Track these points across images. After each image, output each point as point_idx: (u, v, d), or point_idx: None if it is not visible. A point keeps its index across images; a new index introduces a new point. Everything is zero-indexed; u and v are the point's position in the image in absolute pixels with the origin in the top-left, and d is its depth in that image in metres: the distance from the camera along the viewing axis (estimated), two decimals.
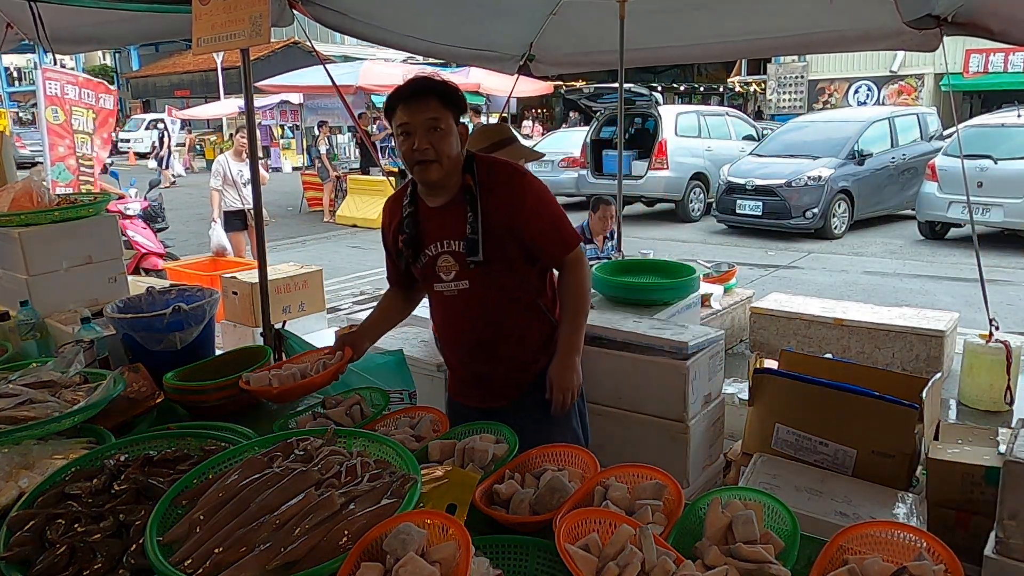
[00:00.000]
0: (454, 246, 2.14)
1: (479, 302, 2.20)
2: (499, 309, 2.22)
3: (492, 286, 2.18)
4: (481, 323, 2.23)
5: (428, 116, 2.01)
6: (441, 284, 2.21)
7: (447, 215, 2.15)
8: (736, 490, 1.53)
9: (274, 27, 2.76)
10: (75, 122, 6.40)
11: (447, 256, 2.16)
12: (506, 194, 2.11)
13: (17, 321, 2.59)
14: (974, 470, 2.49)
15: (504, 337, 2.25)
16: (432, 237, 2.18)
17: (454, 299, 2.21)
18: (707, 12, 4.27)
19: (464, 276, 2.16)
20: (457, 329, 2.29)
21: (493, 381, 2.33)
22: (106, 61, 35.14)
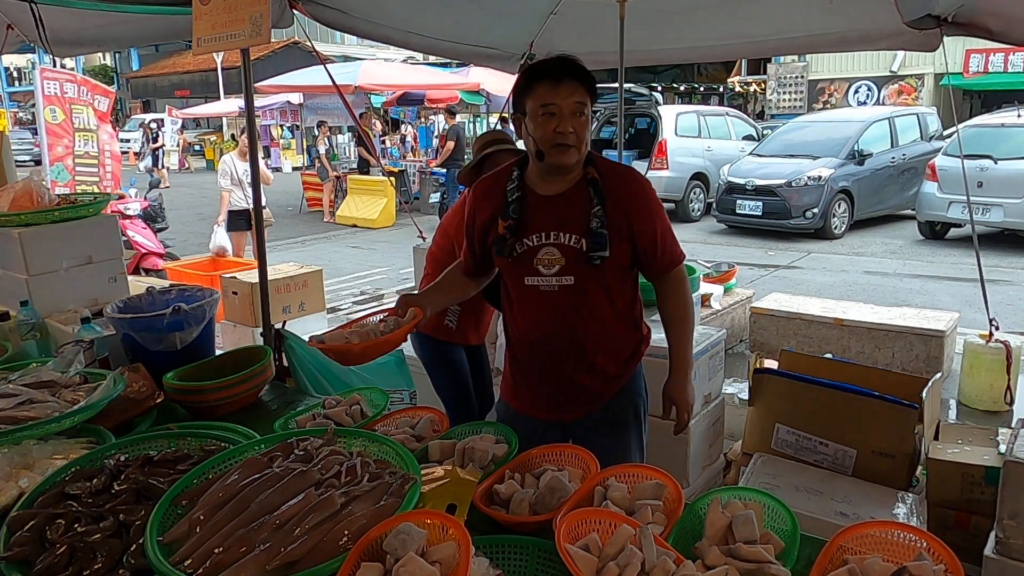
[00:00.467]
0: (564, 239, 2.00)
1: (581, 301, 2.05)
2: (599, 312, 2.07)
3: (598, 286, 2.04)
4: (578, 324, 2.07)
5: (575, 100, 1.93)
6: (537, 278, 2.04)
7: (562, 205, 2.02)
8: (736, 490, 1.53)
9: (274, 28, 2.75)
10: (76, 120, 6.41)
11: (551, 248, 2.01)
12: (628, 195, 2.03)
13: (17, 321, 2.59)
14: (974, 470, 2.49)
15: (598, 343, 2.11)
16: (538, 227, 2.03)
17: (552, 295, 2.04)
18: (707, 12, 4.27)
19: (570, 271, 2.01)
20: (549, 328, 2.09)
21: (574, 391, 2.15)
22: (106, 61, 35.15)
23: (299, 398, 2.41)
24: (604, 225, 1.97)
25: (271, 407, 2.32)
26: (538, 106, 1.95)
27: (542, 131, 1.95)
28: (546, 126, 1.94)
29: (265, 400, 2.36)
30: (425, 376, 3.76)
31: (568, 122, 1.93)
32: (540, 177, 2.06)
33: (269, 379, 2.35)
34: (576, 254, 2.00)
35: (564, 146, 1.94)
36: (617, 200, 2.01)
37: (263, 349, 2.43)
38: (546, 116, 1.94)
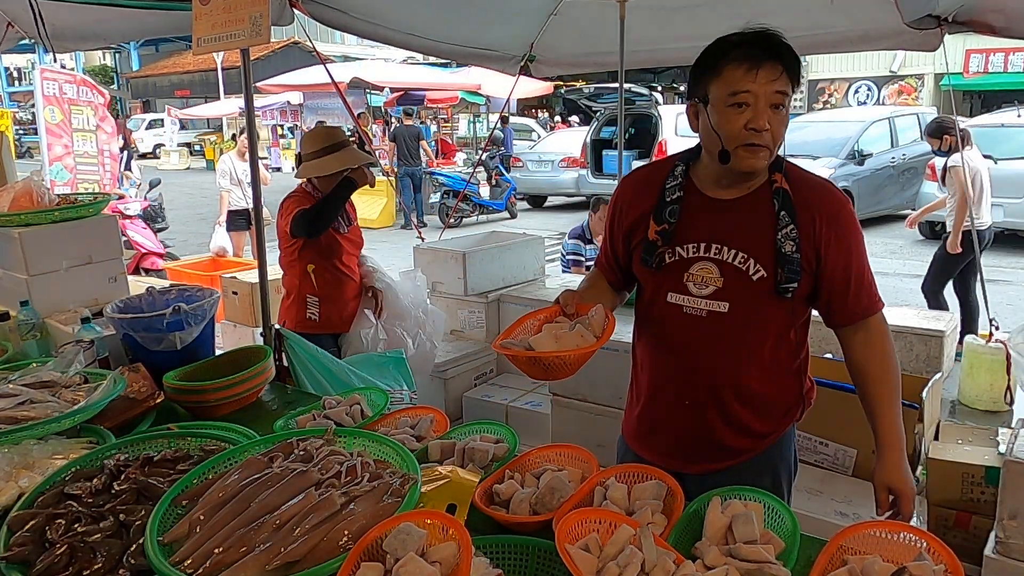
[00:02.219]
0: (726, 255, 1.65)
1: (733, 335, 1.68)
2: (753, 352, 1.71)
3: (759, 321, 1.68)
4: (723, 363, 1.71)
5: (776, 89, 1.56)
6: (684, 296, 1.69)
7: (735, 214, 1.67)
8: (736, 490, 1.53)
9: (274, 26, 2.75)
10: (75, 120, 6.41)
11: (709, 264, 1.66)
12: (822, 215, 1.64)
13: (17, 321, 2.59)
14: (974, 470, 2.49)
15: (743, 390, 1.73)
16: (698, 235, 1.68)
17: (698, 321, 1.69)
18: (708, 11, 4.27)
19: (726, 297, 1.65)
20: (686, 361, 1.75)
21: (703, 442, 1.78)
22: (106, 61, 35.15)
23: (299, 398, 2.41)
24: (797, 248, 1.60)
25: (271, 407, 2.31)
26: (726, 95, 1.57)
27: (730, 127, 1.57)
28: (736, 121, 1.56)
29: (265, 400, 2.35)
30: (425, 376, 3.77)
31: (764, 117, 1.55)
32: (712, 176, 1.70)
33: (269, 379, 2.34)
34: (738, 276, 1.65)
35: (755, 147, 1.57)
36: (807, 220, 1.63)
37: (263, 349, 2.43)
38: (735, 107, 1.56)
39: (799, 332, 1.77)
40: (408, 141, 13.01)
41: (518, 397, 3.71)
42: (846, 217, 1.67)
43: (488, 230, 5.12)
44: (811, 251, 1.64)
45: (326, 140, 3.26)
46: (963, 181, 5.05)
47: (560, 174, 13.85)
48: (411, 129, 13.36)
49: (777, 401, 1.80)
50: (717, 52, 1.62)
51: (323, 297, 3.26)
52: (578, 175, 13.58)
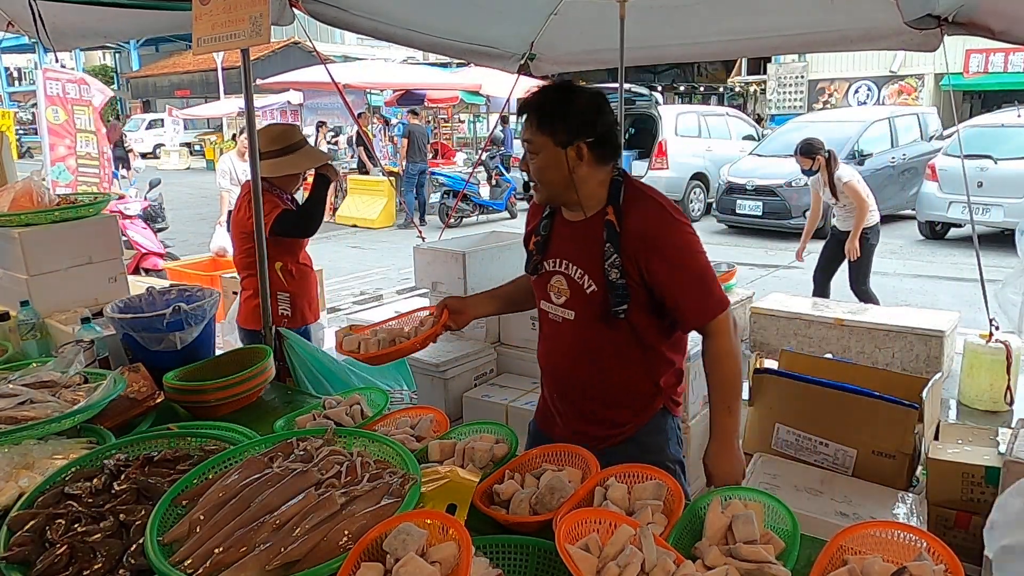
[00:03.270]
0: (572, 271, 1.91)
1: (581, 342, 1.94)
2: (599, 357, 1.94)
3: (601, 328, 1.89)
4: (578, 366, 1.97)
5: (524, 138, 1.89)
6: (549, 305, 1.98)
7: (577, 236, 1.92)
8: (736, 490, 1.53)
9: (274, 26, 2.75)
10: (78, 121, 6.41)
11: (561, 277, 1.93)
12: (644, 235, 1.83)
13: (17, 321, 2.59)
14: (974, 470, 2.49)
15: (600, 391, 1.97)
16: (555, 251, 1.97)
17: (557, 326, 1.98)
18: (708, 10, 4.27)
19: (572, 306, 1.92)
20: (551, 361, 2.05)
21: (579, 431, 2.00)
22: (106, 61, 35.14)
23: (299, 398, 2.41)
24: (623, 274, 1.81)
25: (271, 407, 2.31)
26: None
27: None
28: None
29: (265, 400, 2.35)
30: (425, 376, 3.77)
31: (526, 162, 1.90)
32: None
33: (269, 379, 2.34)
34: (579, 291, 1.90)
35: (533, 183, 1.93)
36: (632, 247, 1.82)
37: (263, 349, 2.43)
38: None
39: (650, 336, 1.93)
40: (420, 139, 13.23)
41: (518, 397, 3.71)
42: (668, 239, 1.85)
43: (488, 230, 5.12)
44: (637, 273, 1.83)
45: (285, 140, 3.24)
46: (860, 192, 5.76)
47: None
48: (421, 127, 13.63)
49: (626, 397, 1.99)
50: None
51: (293, 292, 3.29)
52: None
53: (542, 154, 1.85)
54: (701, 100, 25.71)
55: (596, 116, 1.85)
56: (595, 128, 1.84)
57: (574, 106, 1.84)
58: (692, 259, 1.87)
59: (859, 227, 5.77)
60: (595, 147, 1.85)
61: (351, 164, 15.16)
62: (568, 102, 1.84)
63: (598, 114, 1.86)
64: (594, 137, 1.84)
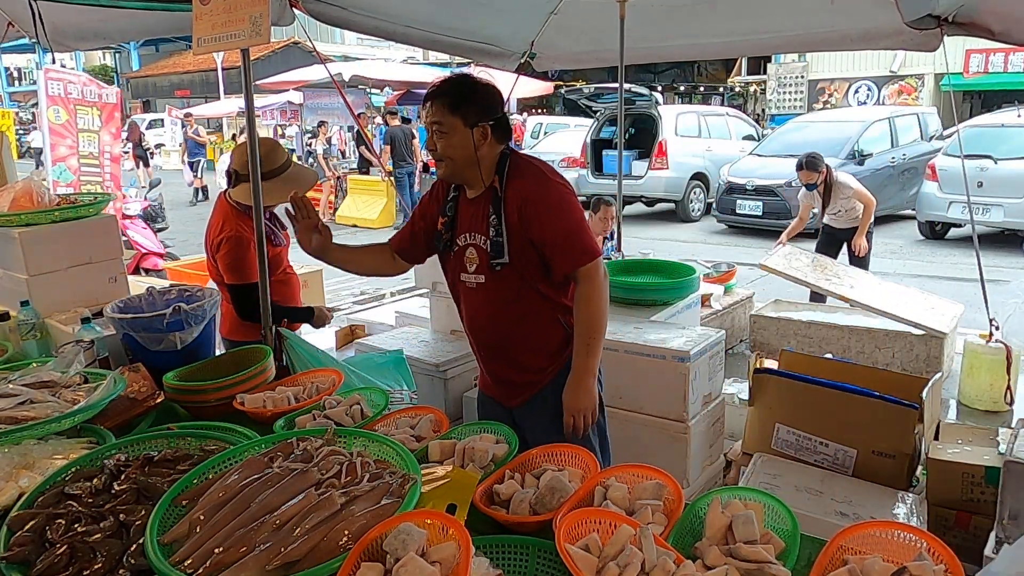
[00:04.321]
0: (477, 240, 2.20)
1: (494, 300, 2.23)
2: (512, 311, 2.23)
3: (507, 287, 2.19)
4: (495, 322, 2.26)
5: (431, 120, 2.13)
6: (465, 275, 2.26)
7: (476, 209, 2.21)
8: (736, 490, 1.53)
9: (274, 26, 2.75)
10: (80, 121, 6.41)
11: (472, 248, 2.22)
12: (523, 196, 2.14)
13: (17, 321, 2.59)
14: (974, 470, 2.49)
15: (516, 340, 2.27)
16: (463, 227, 2.24)
17: (474, 292, 2.25)
18: (708, 9, 4.27)
19: (482, 272, 2.21)
20: (475, 324, 2.33)
21: (507, 380, 2.35)
22: (106, 61, 35.13)
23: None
24: (500, 233, 2.13)
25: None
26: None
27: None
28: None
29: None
30: (425, 376, 3.77)
31: (431, 140, 2.16)
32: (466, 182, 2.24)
33: (269, 379, 2.34)
34: (484, 256, 2.18)
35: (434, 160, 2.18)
36: (514, 203, 2.13)
37: (263, 349, 2.43)
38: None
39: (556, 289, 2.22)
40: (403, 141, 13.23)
41: None
42: (543, 197, 2.14)
43: None
44: (519, 226, 2.12)
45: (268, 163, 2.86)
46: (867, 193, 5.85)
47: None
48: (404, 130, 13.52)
49: (546, 341, 2.27)
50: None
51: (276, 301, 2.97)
52: (578, 175, 13.57)
53: (452, 134, 2.11)
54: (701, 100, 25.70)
55: (496, 102, 2.16)
56: (496, 112, 2.15)
57: (478, 93, 2.13)
58: (565, 213, 2.15)
59: (866, 224, 5.84)
60: (496, 129, 2.14)
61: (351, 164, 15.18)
62: (473, 90, 2.13)
63: (497, 101, 2.17)
64: (495, 120, 2.13)
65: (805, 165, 5.90)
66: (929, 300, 5.35)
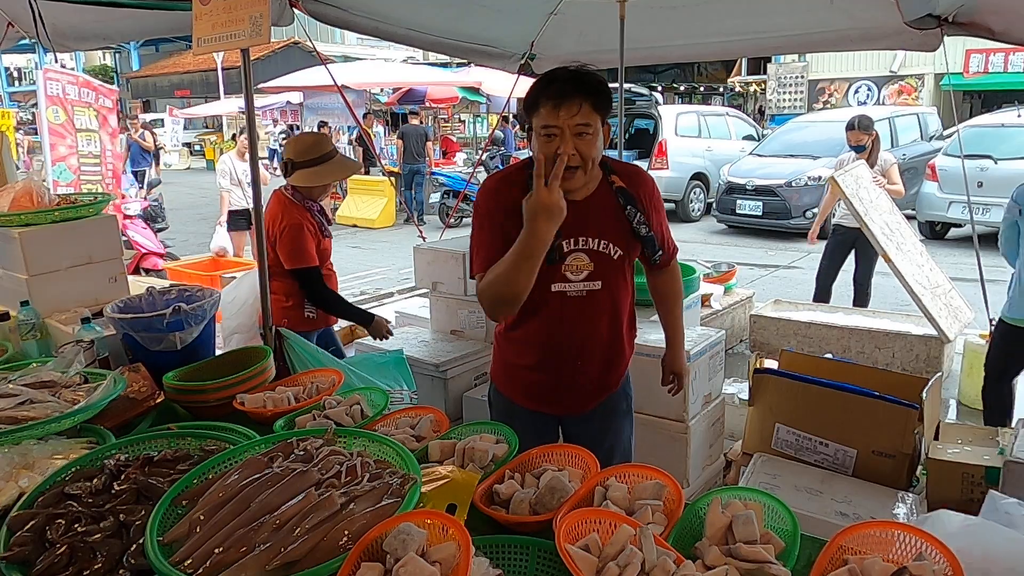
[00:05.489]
0: (592, 244, 2.02)
1: (607, 304, 2.11)
2: (619, 313, 2.15)
3: (623, 286, 2.13)
4: (605, 326, 2.13)
5: (578, 121, 1.87)
6: (565, 284, 2.04)
7: (587, 210, 2.00)
8: (736, 490, 1.53)
9: (274, 27, 2.75)
10: (78, 121, 6.41)
11: (580, 255, 2.03)
12: (645, 195, 2.10)
13: (17, 321, 2.59)
14: (974, 470, 2.49)
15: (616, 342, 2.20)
16: (564, 233, 1.95)
17: (579, 300, 2.06)
18: (708, 10, 4.27)
19: (599, 276, 2.05)
20: (578, 332, 2.11)
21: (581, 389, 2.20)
22: (106, 61, 35.12)
23: None
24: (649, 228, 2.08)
25: None
26: (540, 127, 1.89)
27: (544, 152, 1.86)
28: (548, 147, 1.87)
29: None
30: (425, 376, 3.77)
31: (569, 143, 1.86)
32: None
33: (269, 379, 2.34)
34: (605, 260, 2.06)
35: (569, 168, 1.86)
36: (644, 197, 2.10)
37: (263, 349, 2.43)
38: (548, 138, 1.88)
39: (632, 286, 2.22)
40: (416, 140, 13.44)
41: None
42: (656, 190, 2.16)
43: None
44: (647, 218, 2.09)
45: (318, 150, 3.28)
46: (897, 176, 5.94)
47: None
48: (418, 129, 13.81)
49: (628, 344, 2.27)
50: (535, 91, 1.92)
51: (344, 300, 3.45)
52: None
53: (595, 136, 1.91)
54: (701, 100, 25.69)
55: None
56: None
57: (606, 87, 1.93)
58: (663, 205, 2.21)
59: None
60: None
61: None
62: (605, 84, 1.92)
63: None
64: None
65: (857, 125, 5.69)
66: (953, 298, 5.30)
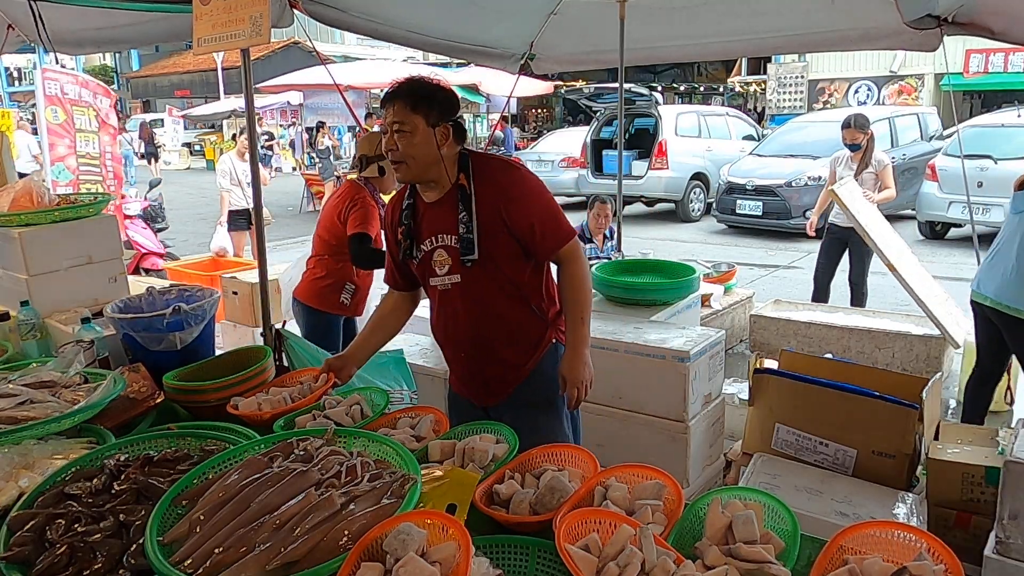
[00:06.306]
0: (447, 240, 2.19)
1: (471, 298, 2.22)
2: (491, 306, 2.23)
3: (484, 282, 2.20)
4: (473, 319, 2.25)
5: (391, 120, 2.11)
6: (436, 279, 2.24)
7: (441, 211, 2.20)
8: (736, 490, 1.53)
9: (274, 27, 2.76)
10: (77, 121, 6.40)
11: (441, 250, 2.21)
12: (497, 188, 2.15)
13: (17, 321, 2.59)
14: (974, 470, 2.49)
15: (496, 335, 2.26)
16: (427, 232, 2.22)
17: (448, 293, 2.24)
18: (708, 10, 4.27)
19: (456, 271, 2.20)
20: (450, 325, 2.30)
21: (486, 378, 2.33)
22: (106, 61, 35.11)
23: None
24: (470, 230, 2.13)
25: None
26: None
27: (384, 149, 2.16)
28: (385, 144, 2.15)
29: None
30: (425, 376, 3.77)
31: (391, 139, 2.11)
32: (420, 187, 2.24)
33: (269, 379, 2.34)
34: (457, 256, 2.18)
35: (394, 162, 2.14)
36: (487, 198, 2.14)
37: (263, 349, 2.43)
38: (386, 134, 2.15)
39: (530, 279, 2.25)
40: None
41: None
42: (518, 185, 2.18)
43: None
44: (496, 219, 2.13)
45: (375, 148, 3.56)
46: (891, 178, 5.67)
47: (560, 174, 13.84)
48: None
49: (526, 335, 2.28)
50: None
51: (358, 285, 3.67)
52: (578, 175, 13.57)
53: (414, 134, 2.10)
54: (701, 100, 25.69)
55: (454, 104, 2.18)
56: (455, 113, 2.17)
57: (439, 94, 2.14)
58: (542, 197, 2.21)
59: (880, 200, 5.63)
60: (456, 129, 2.15)
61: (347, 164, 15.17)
62: (434, 90, 2.14)
63: (455, 103, 2.18)
64: (453, 121, 2.15)
65: (853, 123, 5.62)
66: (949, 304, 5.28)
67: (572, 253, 2.25)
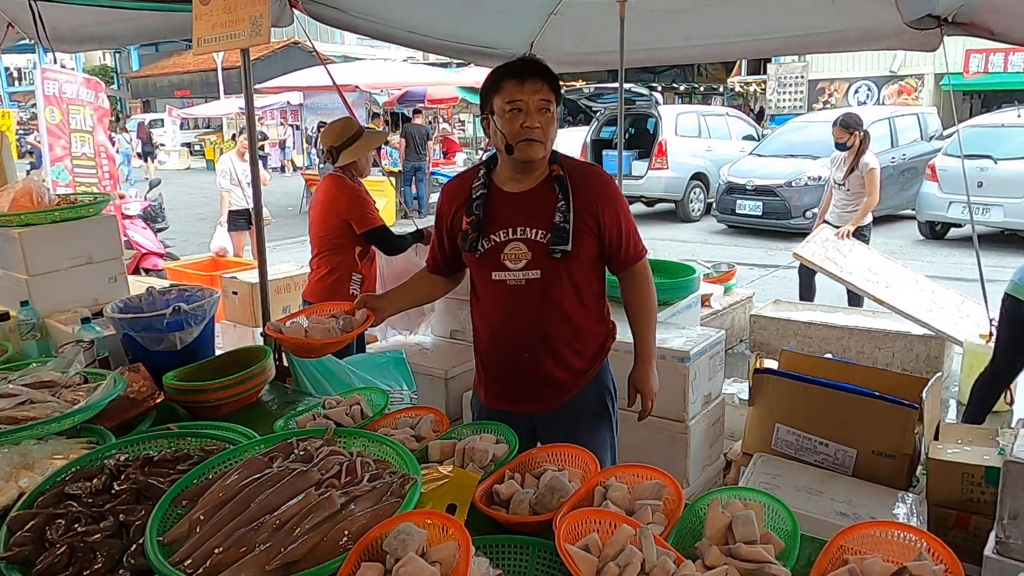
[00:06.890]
0: (529, 234, 2.07)
1: (548, 295, 2.10)
2: (566, 306, 2.13)
3: (564, 280, 2.10)
4: (544, 318, 2.12)
5: (541, 97, 2.01)
6: (505, 273, 2.10)
7: (529, 201, 2.09)
8: (736, 490, 1.53)
9: (274, 27, 2.76)
10: (73, 121, 6.40)
11: (518, 243, 2.08)
12: (594, 188, 2.10)
13: (17, 321, 2.59)
14: (974, 470, 2.49)
15: (564, 336, 2.16)
16: (503, 223, 2.09)
17: (519, 289, 2.10)
18: (708, 12, 4.27)
19: (537, 265, 2.07)
20: (514, 322, 2.15)
21: (541, 384, 2.19)
22: (106, 61, 35.13)
23: (299, 398, 2.41)
24: (567, 220, 2.04)
25: (271, 407, 2.31)
26: (505, 103, 2.01)
27: (510, 127, 2.01)
28: (514, 122, 2.01)
29: (265, 400, 2.36)
30: (425, 377, 3.77)
31: (535, 117, 2.00)
32: (508, 175, 2.13)
33: (269, 379, 2.35)
34: (542, 248, 2.07)
35: (530, 140, 2.01)
36: (584, 196, 2.08)
37: (263, 349, 2.43)
38: (513, 112, 2.01)
39: (598, 284, 2.23)
40: (417, 138, 13.84)
41: None
42: (612, 189, 2.16)
43: None
44: (590, 218, 2.08)
45: (351, 129, 3.67)
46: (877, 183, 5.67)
47: None
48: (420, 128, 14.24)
49: (590, 340, 2.22)
50: (497, 74, 2.07)
51: (364, 276, 3.72)
52: None
53: (554, 117, 2.05)
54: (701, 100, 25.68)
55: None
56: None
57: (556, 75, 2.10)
58: (627, 207, 2.21)
59: (863, 216, 5.70)
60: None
61: None
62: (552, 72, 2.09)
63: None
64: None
65: (840, 123, 5.69)
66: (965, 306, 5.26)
67: (647, 267, 2.26)
